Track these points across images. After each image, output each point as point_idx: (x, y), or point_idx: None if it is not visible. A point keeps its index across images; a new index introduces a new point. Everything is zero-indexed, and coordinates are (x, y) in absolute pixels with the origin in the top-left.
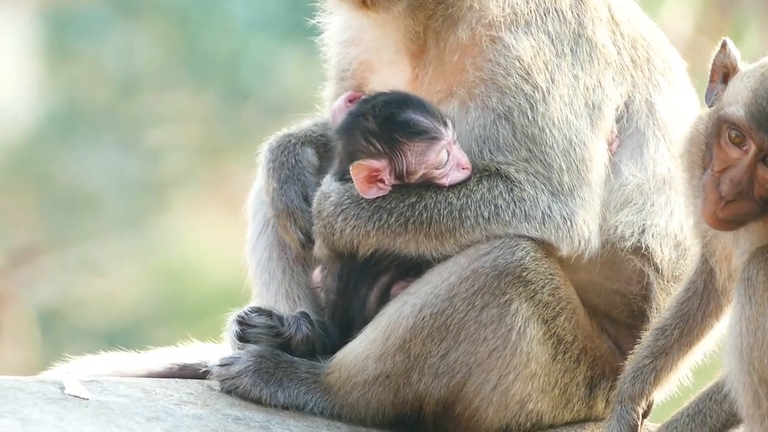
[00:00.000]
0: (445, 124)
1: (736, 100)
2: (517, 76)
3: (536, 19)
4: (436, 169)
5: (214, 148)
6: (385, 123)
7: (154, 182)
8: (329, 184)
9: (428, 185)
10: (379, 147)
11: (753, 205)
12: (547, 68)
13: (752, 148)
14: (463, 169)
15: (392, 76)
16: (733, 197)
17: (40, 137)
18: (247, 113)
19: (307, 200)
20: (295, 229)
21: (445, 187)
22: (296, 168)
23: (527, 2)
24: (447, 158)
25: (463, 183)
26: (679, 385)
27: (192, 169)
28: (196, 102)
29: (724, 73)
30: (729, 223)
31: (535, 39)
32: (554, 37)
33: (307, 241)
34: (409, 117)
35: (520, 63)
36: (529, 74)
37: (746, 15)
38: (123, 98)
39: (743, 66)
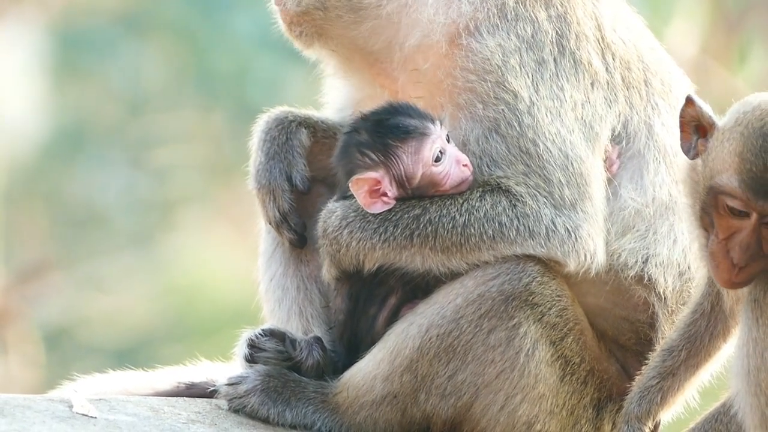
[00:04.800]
0: (433, 122)
1: (724, 168)
2: (492, 81)
3: (501, 22)
4: (435, 167)
5: (222, 167)
6: (376, 131)
7: (162, 200)
8: (334, 202)
9: (432, 199)
10: (374, 157)
11: (764, 261)
12: (527, 75)
13: (753, 215)
14: (463, 166)
15: (372, 100)
16: (746, 262)
17: (49, 155)
18: None
19: (290, 180)
20: (273, 206)
21: (448, 192)
22: (286, 146)
23: (483, 7)
24: (442, 155)
25: (466, 197)
26: (685, 406)
27: (200, 188)
28: (204, 120)
29: (695, 125)
30: (745, 283)
31: (503, 40)
32: (530, 43)
33: (282, 221)
34: (398, 120)
35: (489, 65)
36: (504, 76)
37: (752, 35)
38: (131, 117)
39: (718, 121)
